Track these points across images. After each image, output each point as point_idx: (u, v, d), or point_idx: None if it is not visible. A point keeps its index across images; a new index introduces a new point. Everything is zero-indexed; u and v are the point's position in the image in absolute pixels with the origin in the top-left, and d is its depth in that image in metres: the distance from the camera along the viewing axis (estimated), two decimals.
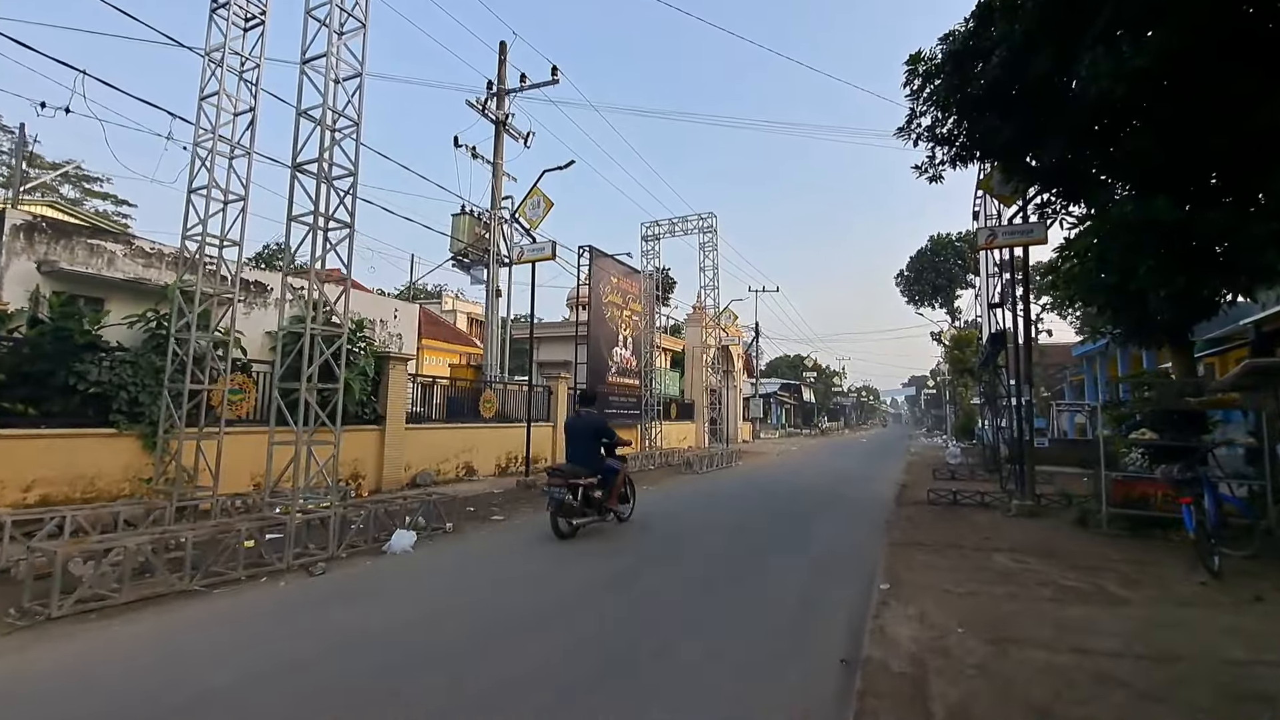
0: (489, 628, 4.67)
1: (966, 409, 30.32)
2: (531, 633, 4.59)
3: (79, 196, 37.21)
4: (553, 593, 5.57)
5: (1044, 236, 10.42)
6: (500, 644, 4.34)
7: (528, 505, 10.44)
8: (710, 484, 14.24)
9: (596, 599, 5.38)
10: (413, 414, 13.15)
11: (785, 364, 70.95)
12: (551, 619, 4.86)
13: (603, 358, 19.13)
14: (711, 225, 18.64)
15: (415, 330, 14.05)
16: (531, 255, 12.94)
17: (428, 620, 4.82)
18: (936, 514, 10.12)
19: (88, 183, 37.95)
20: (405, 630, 4.56)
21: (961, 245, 41.80)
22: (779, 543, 7.67)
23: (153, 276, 10.71)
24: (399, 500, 8.45)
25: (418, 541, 7.11)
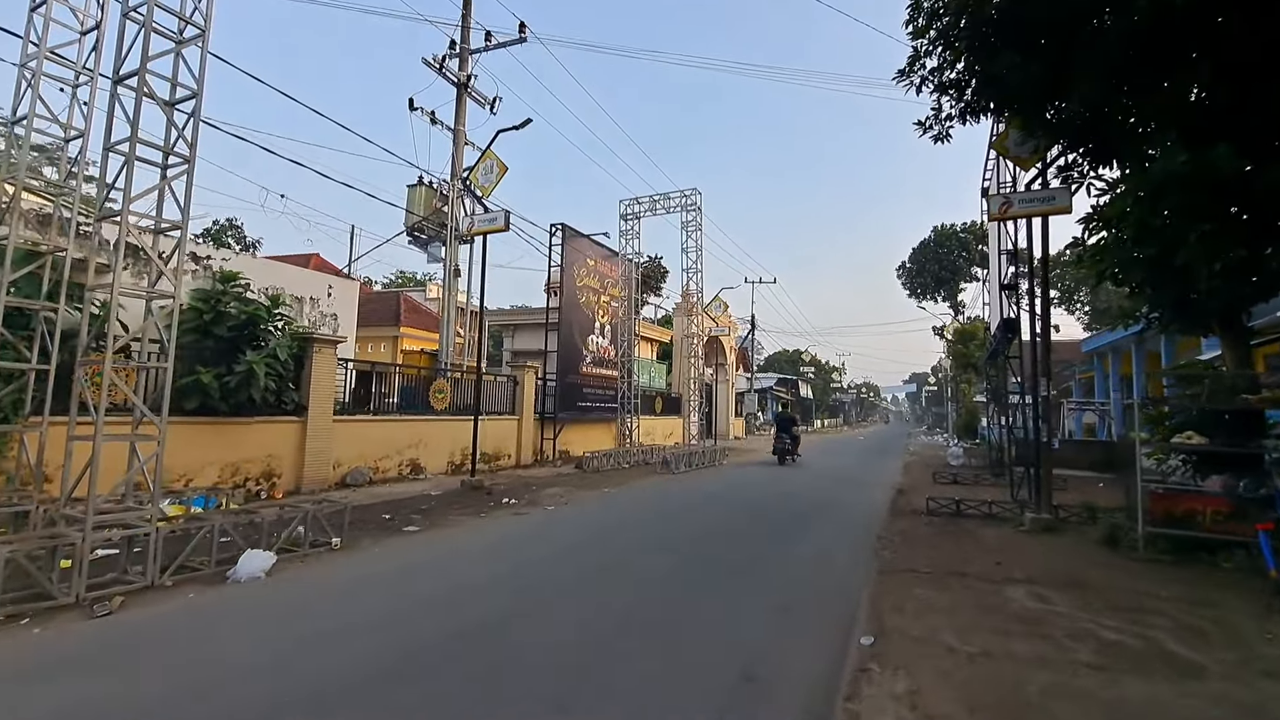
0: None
1: (969, 406, 28.81)
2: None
3: (61, 178, 35.81)
4: (347, 655, 4.03)
5: (1067, 204, 8.90)
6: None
7: (460, 510, 8.97)
8: (683, 486, 12.76)
9: (434, 670, 3.88)
10: (347, 404, 11.67)
11: (784, 359, 69.41)
12: None
13: (576, 346, 17.63)
14: (695, 203, 17.11)
15: (354, 309, 12.57)
16: (483, 226, 11.43)
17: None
18: (937, 528, 8.63)
19: (72, 164, 36.63)
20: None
21: (966, 236, 40.16)
22: (737, 572, 6.17)
23: None
24: (306, 504, 6.96)
25: (279, 564, 5.63)
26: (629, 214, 17.97)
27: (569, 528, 7.94)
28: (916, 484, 13.99)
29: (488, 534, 7.46)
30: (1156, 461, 8.10)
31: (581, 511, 9.24)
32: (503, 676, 3.66)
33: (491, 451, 14.93)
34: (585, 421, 18.40)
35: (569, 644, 4.11)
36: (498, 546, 6.87)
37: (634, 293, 19.11)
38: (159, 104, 5.23)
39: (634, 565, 6.14)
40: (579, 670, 3.75)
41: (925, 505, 9.95)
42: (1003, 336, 10.18)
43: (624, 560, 6.39)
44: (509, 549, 6.76)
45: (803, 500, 11.13)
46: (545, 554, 6.51)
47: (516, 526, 7.98)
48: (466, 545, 6.90)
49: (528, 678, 3.64)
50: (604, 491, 11.37)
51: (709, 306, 25.73)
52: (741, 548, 7.09)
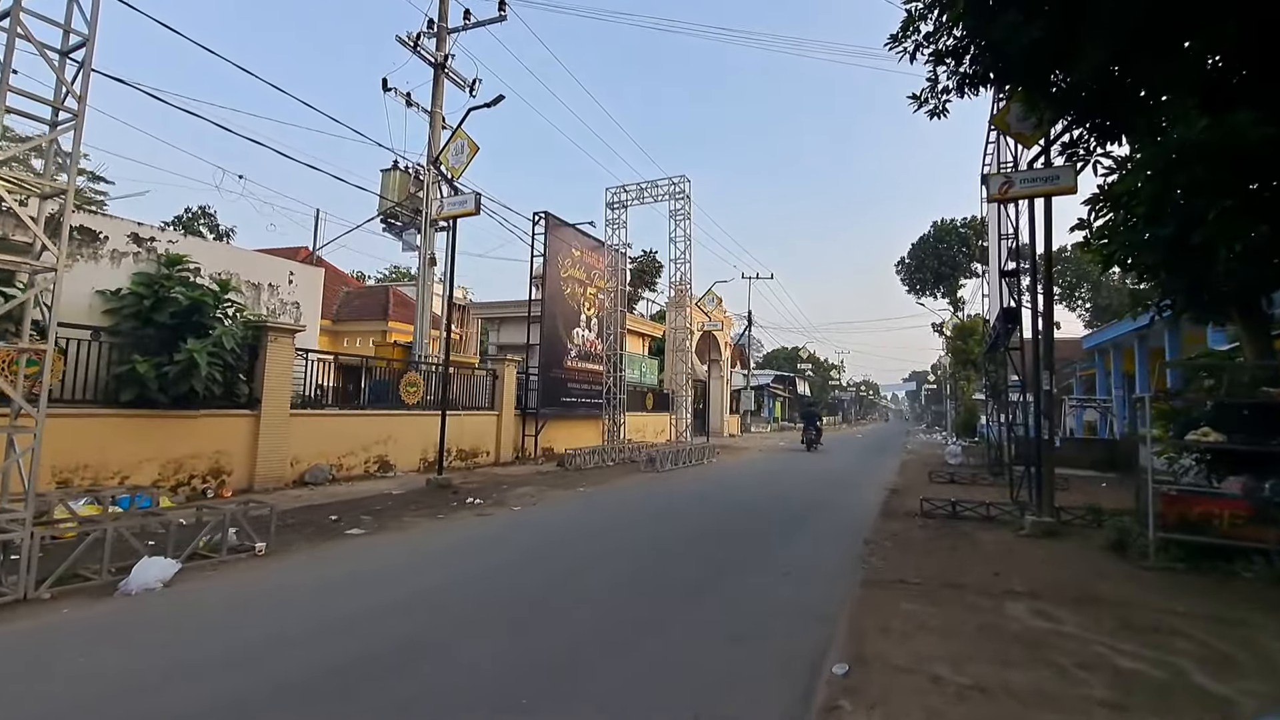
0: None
1: (968, 404, 28.17)
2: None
3: (51, 170, 35.30)
4: None
5: (1072, 184, 8.25)
6: None
7: (417, 511, 8.33)
8: (667, 486, 12.12)
9: None
10: (310, 397, 11.03)
11: (782, 356, 68.79)
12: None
13: (560, 339, 16.98)
14: (684, 191, 16.44)
15: (318, 298, 11.93)
16: (453, 209, 10.78)
17: None
18: (932, 532, 8.00)
19: (61, 156, 36.06)
20: None
21: (966, 231, 39.51)
22: (702, 588, 5.51)
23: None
24: (254, 503, 6.31)
25: (186, 573, 4.99)
26: (616, 202, 17.30)
27: (528, 533, 7.30)
28: (912, 484, 13.36)
29: (437, 539, 6.82)
30: (1167, 461, 7.47)
31: (549, 514, 8.62)
32: None
33: (469, 448, 14.31)
34: (571, 418, 17.77)
35: (470, 689, 3.41)
36: (442, 554, 6.23)
37: (621, 284, 18.46)
38: (40, 49, 4.56)
39: (587, 580, 5.46)
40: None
41: (920, 507, 9.33)
42: (1002, 328, 9.54)
43: (576, 572, 5.74)
44: (453, 557, 6.12)
45: (791, 502, 10.50)
46: (489, 565, 5.85)
47: (472, 530, 7.35)
48: (408, 552, 6.25)
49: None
50: (579, 491, 10.74)
51: (702, 301, 25.07)
52: (715, 556, 6.44)
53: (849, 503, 10.52)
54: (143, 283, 8.89)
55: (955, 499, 9.34)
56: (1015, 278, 9.19)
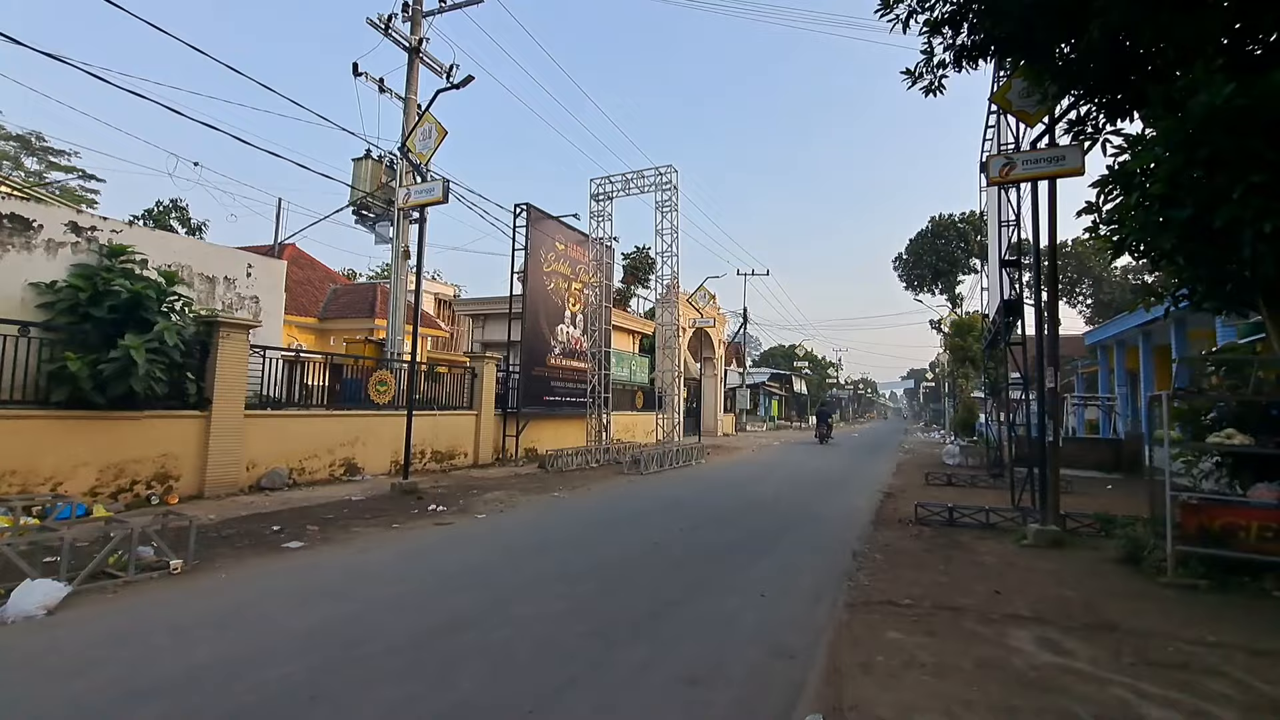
0: None
1: (967, 402, 27.57)
2: None
3: (41, 169, 34.59)
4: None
5: (1079, 164, 7.65)
6: None
7: (372, 520, 7.70)
8: (649, 490, 11.51)
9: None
10: (269, 397, 10.39)
11: (779, 354, 68.17)
12: None
13: (543, 336, 16.35)
14: (671, 181, 15.80)
15: (280, 292, 11.27)
16: (420, 198, 10.15)
17: None
18: (926, 542, 7.39)
19: (53, 155, 35.24)
20: None
21: (964, 227, 38.89)
22: (664, 610, 4.91)
23: None
24: (174, 514, 5.70)
25: (80, 595, 4.37)
26: (600, 193, 16.64)
27: (481, 546, 6.66)
28: (907, 486, 12.75)
29: (377, 555, 6.18)
30: (1185, 465, 6.85)
31: (513, 522, 7.99)
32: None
33: (445, 450, 13.68)
34: (555, 417, 17.15)
35: None
36: (375, 573, 5.58)
37: (607, 278, 17.81)
38: None
39: (530, 604, 4.82)
40: None
41: (914, 513, 8.72)
42: (1003, 321, 8.92)
43: (526, 591, 5.12)
44: (387, 577, 5.46)
45: (777, 507, 9.88)
46: (421, 587, 5.17)
47: (421, 543, 6.72)
48: (338, 571, 5.62)
49: None
50: (553, 496, 10.12)
51: (693, 297, 24.44)
52: (683, 572, 5.81)
53: (838, 509, 9.90)
54: (81, 275, 8.26)
55: (952, 504, 8.73)
56: (1017, 268, 8.57)
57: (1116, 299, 41.38)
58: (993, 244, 10.59)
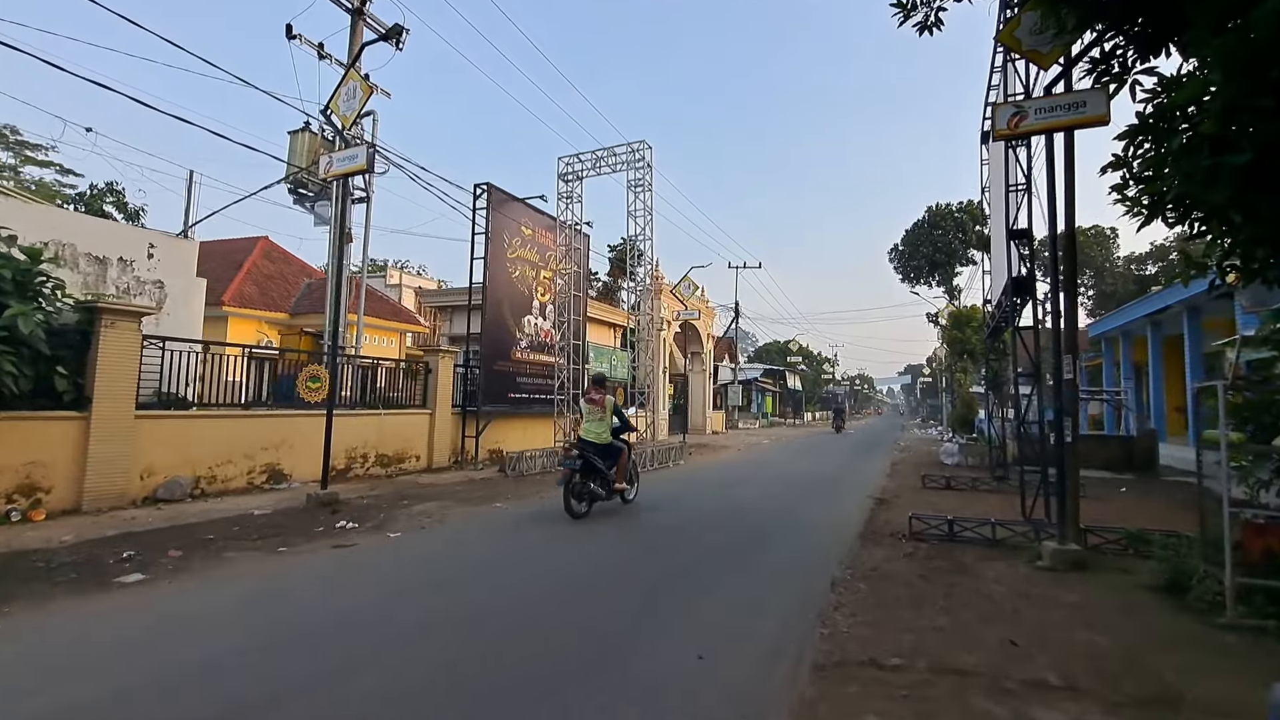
0: None
1: (965, 398, 26.37)
2: None
3: (16, 163, 33.10)
4: None
5: (1103, 111, 6.40)
6: None
7: (256, 543, 6.43)
8: None
9: None
10: (173, 396, 9.10)
11: (774, 350, 66.94)
12: None
13: (507, 327, 15.06)
14: (644, 158, 14.50)
15: (191, 276, 9.98)
16: (342, 167, 8.88)
17: None
18: (922, 564, 6.15)
19: (29, 149, 33.69)
20: None
21: (961, 217, 37.70)
22: (556, 686, 3.66)
23: None
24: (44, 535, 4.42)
25: None
26: (569, 173, 15.33)
27: (367, 580, 5.28)
28: (902, 490, 11.51)
29: (225, 593, 4.88)
30: (1238, 472, 5.61)
31: (427, 544, 6.70)
32: None
33: (392, 453, 12.41)
34: (524, 415, 15.87)
35: None
36: (212, 622, 4.25)
37: (580, 265, 16.52)
38: None
39: (372, 680, 3.54)
40: None
41: (909, 525, 7.47)
42: (1010, 302, 7.66)
43: (379, 658, 3.85)
44: (227, 626, 4.18)
45: (753, 518, 8.62)
46: (237, 648, 3.91)
47: (295, 576, 5.41)
48: (155, 621, 4.33)
49: None
50: (495, 507, 8.86)
51: (677, 287, 23.19)
52: (608, 619, 4.53)
53: (822, 518, 8.64)
54: None
55: (952, 515, 7.48)
56: (1027, 240, 7.31)
57: (1119, 290, 40.22)
58: (997, 214, 9.35)
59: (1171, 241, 44.09)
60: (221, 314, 18.51)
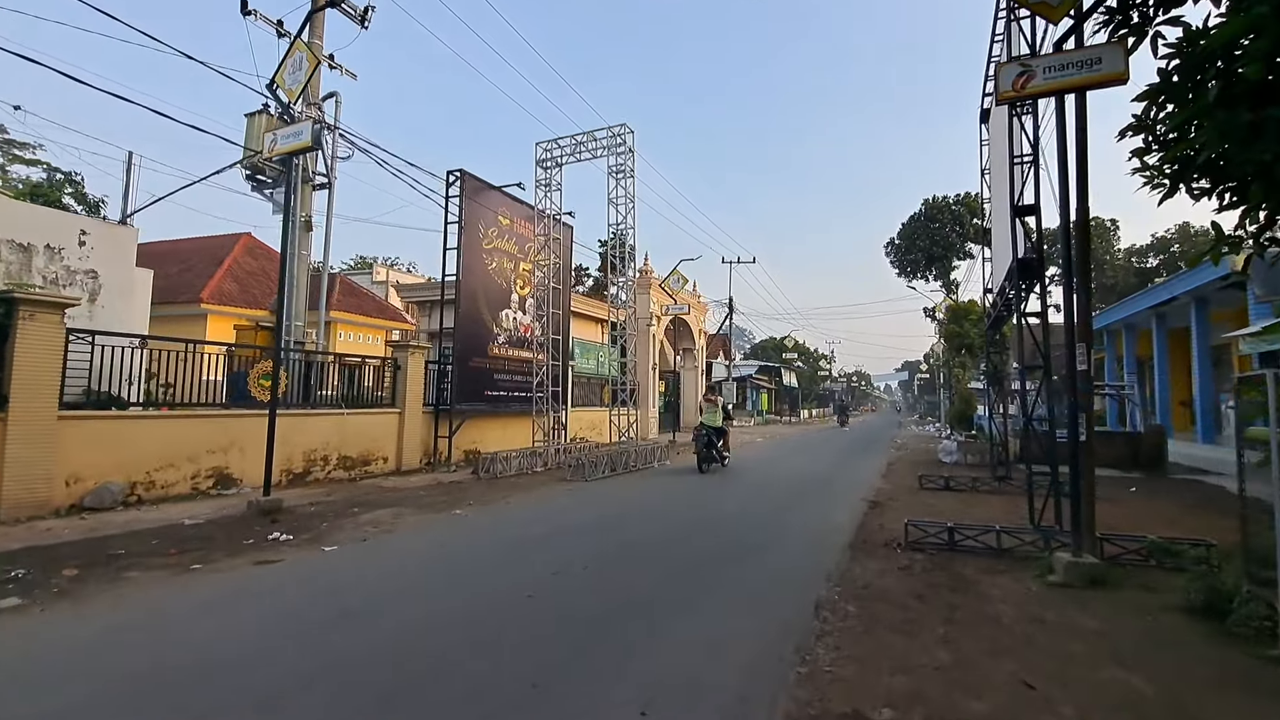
0: None
1: (964, 394, 25.69)
2: None
3: (4, 162, 32.03)
4: None
5: (1120, 68, 5.69)
6: None
7: (172, 558, 5.70)
8: (583, 502, 9.57)
9: None
10: (107, 395, 8.37)
11: (770, 346, 66.23)
12: None
13: (483, 322, 14.33)
14: (625, 142, 13.75)
15: (130, 266, 9.24)
16: (287, 144, 8.14)
17: None
18: (920, 580, 5.45)
19: (16, 148, 32.54)
20: None
21: (959, 209, 36.99)
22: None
23: None
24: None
25: None
26: (547, 159, 14.57)
27: (271, 609, 4.53)
28: (898, 492, 10.82)
29: (94, 629, 4.11)
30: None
31: (362, 561, 5.95)
32: None
33: (357, 455, 11.67)
34: (501, 414, 15.14)
35: None
36: (21, 678, 3.57)
37: (560, 257, 15.79)
38: None
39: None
40: None
41: (904, 533, 6.77)
42: (1016, 286, 6.95)
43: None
44: (29, 687, 3.47)
45: (733, 524, 7.92)
46: (79, 698, 3.23)
47: (192, 603, 4.58)
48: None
49: None
50: (454, 515, 8.14)
51: (666, 281, 22.45)
52: (539, 664, 3.80)
53: (811, 525, 7.93)
54: None
55: (953, 523, 6.78)
56: (1034, 216, 6.60)
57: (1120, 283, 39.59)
58: (999, 195, 8.64)
59: (1173, 233, 43.43)
60: (200, 311, 17.88)
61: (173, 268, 24.48)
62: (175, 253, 25.92)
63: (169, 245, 27.12)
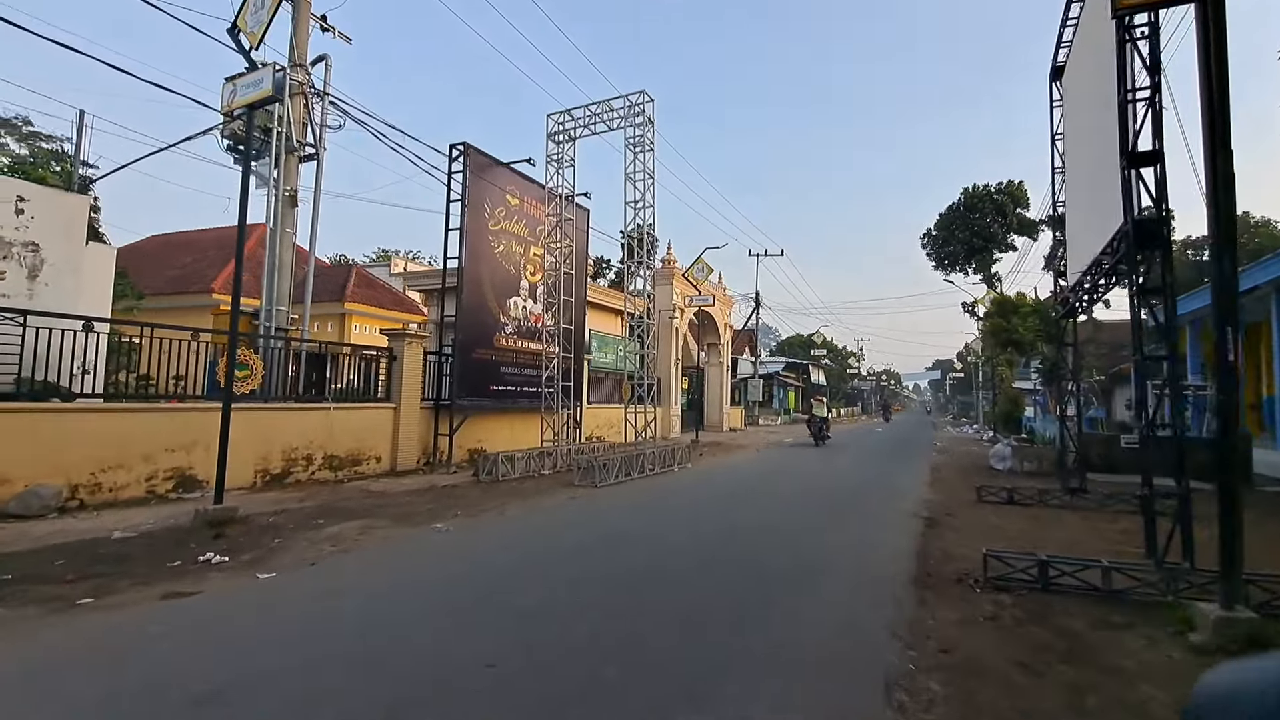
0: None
1: (1009, 393, 23.87)
2: None
3: (26, 152, 31.91)
4: None
5: None
6: None
7: (43, 594, 4.58)
8: (587, 515, 8.33)
9: None
10: (45, 383, 7.36)
11: (796, 343, 64.37)
12: None
13: (488, 310, 13.17)
14: (644, 112, 12.44)
15: (80, 240, 8.24)
16: (246, 95, 7.02)
17: None
18: (1016, 636, 4.08)
19: (45, 140, 32.34)
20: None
21: (1001, 198, 34.94)
22: None
23: None
24: None
25: None
26: (559, 131, 13.33)
27: (138, 673, 3.35)
28: (953, 505, 9.36)
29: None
30: None
31: (295, 596, 4.68)
32: None
33: (345, 454, 10.59)
34: (509, 411, 13.99)
35: None
36: None
37: (573, 239, 14.55)
38: None
39: None
40: None
41: (982, 565, 5.38)
42: (1131, 253, 5.46)
43: None
44: None
45: (759, 548, 6.58)
46: None
47: (32, 663, 3.49)
48: None
49: None
50: (433, 529, 6.93)
51: (690, 270, 21.11)
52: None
53: (855, 549, 6.52)
54: None
55: (1042, 554, 5.37)
56: (1157, 164, 5.14)
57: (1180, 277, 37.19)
58: (1075, 164, 7.14)
59: None
60: (212, 302, 17.47)
61: (187, 258, 23.94)
62: (193, 243, 25.43)
63: (187, 236, 26.65)
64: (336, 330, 21.89)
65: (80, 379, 8.06)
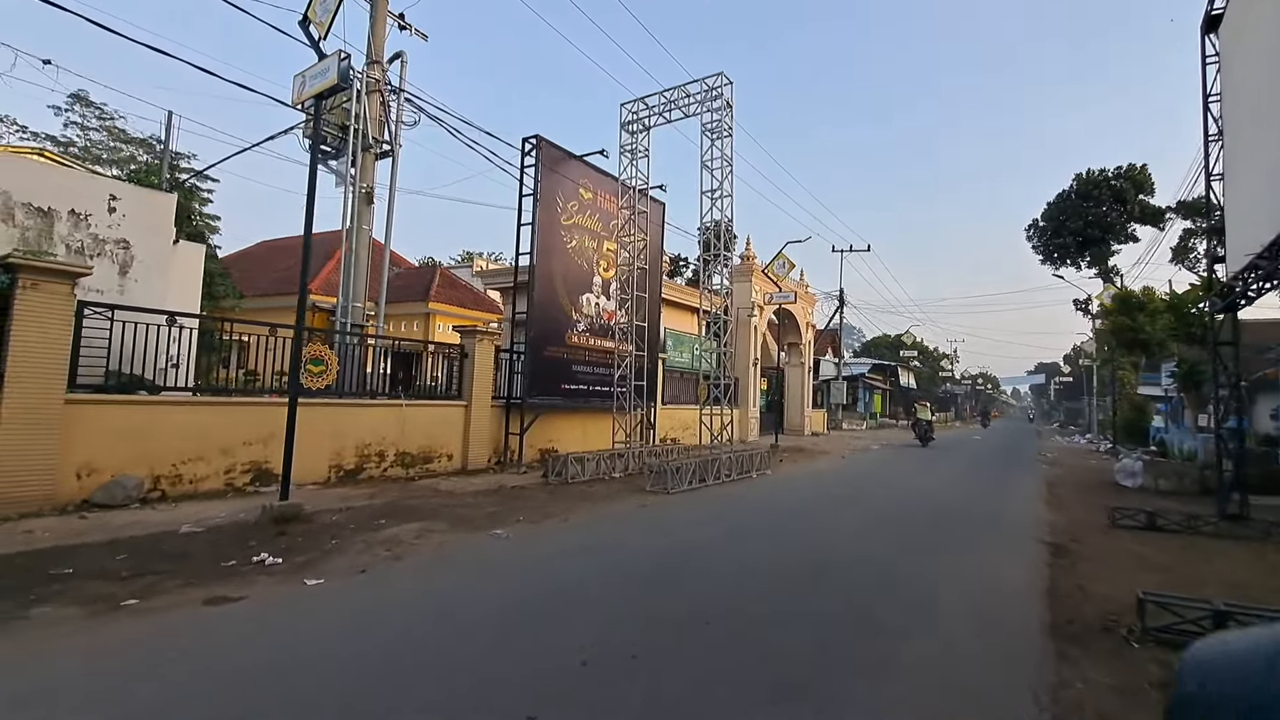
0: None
1: (1133, 400, 21.32)
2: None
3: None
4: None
5: None
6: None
7: (96, 591, 4.44)
8: (658, 525, 7.72)
9: None
10: (130, 376, 7.53)
11: (884, 344, 61.28)
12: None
13: (560, 307, 12.83)
14: (722, 95, 11.67)
15: (168, 238, 8.42)
16: (314, 86, 6.90)
17: None
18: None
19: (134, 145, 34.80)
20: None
21: (1120, 184, 31.61)
22: None
23: None
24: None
25: None
26: (633, 120, 12.80)
27: (146, 694, 3.10)
28: (1082, 530, 8.10)
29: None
30: None
31: (336, 608, 4.34)
32: None
33: (417, 451, 10.50)
34: (581, 410, 13.64)
35: None
36: None
37: (648, 233, 13.99)
38: None
39: None
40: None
41: (1135, 609, 4.36)
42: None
43: None
44: None
45: (851, 580, 5.72)
46: None
47: (20, 685, 3.26)
48: None
49: None
50: (492, 536, 6.51)
51: (770, 266, 20.10)
52: None
53: (970, 588, 5.47)
54: None
55: (1222, 601, 4.29)
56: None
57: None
58: (1235, 119, 5.86)
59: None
60: (309, 303, 18.29)
61: (289, 261, 25.30)
62: (294, 248, 26.83)
63: (290, 241, 28.24)
64: (422, 329, 22.43)
65: (168, 372, 8.27)
